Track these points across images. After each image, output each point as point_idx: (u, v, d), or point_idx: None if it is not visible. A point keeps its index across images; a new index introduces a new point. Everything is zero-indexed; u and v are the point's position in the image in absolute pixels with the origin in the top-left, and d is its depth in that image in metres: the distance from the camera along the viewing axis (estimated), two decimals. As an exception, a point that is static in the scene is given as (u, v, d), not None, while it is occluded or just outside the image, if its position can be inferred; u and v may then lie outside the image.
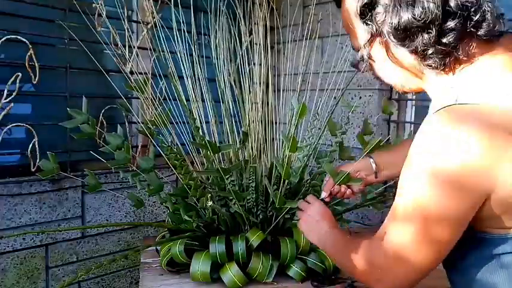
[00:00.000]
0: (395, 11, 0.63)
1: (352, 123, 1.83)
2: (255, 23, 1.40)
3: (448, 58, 0.64)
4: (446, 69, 0.66)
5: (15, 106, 1.38)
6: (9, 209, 1.47)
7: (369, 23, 0.68)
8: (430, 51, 0.64)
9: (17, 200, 1.48)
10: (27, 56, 1.38)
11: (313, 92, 1.42)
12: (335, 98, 1.36)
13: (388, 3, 0.64)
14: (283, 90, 1.45)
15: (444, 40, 0.62)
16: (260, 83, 1.37)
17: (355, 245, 0.79)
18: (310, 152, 1.26)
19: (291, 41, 1.50)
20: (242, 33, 1.39)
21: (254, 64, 1.39)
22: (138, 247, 1.24)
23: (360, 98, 1.85)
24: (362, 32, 0.71)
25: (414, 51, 0.65)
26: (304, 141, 1.33)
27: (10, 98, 1.36)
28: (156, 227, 1.74)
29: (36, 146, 1.44)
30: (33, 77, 1.40)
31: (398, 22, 0.63)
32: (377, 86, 1.78)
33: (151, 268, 1.26)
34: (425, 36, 0.62)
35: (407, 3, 0.62)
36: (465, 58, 0.64)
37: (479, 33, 0.63)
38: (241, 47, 1.38)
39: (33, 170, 1.45)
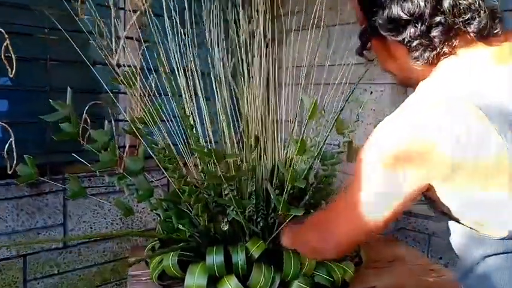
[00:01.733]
0: (387, 4, 0.72)
1: (362, 121, 1.83)
2: (255, 11, 1.40)
3: (433, 51, 0.72)
4: (431, 63, 0.74)
5: (-11, 102, 1.37)
6: (-17, 216, 1.46)
7: (368, 15, 0.78)
8: (415, 43, 0.72)
9: (-9, 206, 1.48)
10: (3, 47, 1.37)
11: (318, 86, 1.42)
12: (343, 93, 1.36)
13: None
14: (285, 85, 1.45)
15: (431, 34, 0.71)
16: (260, 77, 1.37)
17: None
18: (316, 153, 1.26)
19: (293, 30, 1.49)
20: (240, 21, 1.38)
21: (253, 56, 1.38)
22: (126, 258, 1.23)
23: (371, 93, 1.84)
24: (364, 22, 0.81)
25: (402, 43, 0.74)
26: (309, 141, 1.33)
27: (-16, 93, 1.36)
28: (145, 237, 1.74)
29: (13, 146, 1.43)
30: (9, 69, 1.39)
31: (388, 15, 0.72)
32: (389, 80, 1.77)
33: (140, 282, 1.25)
34: (412, 29, 0.71)
35: None
36: (450, 52, 0.73)
37: (469, 30, 0.71)
38: (239, 37, 1.37)
39: (9, 172, 1.44)
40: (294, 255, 1.17)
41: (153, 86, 1.33)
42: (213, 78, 1.36)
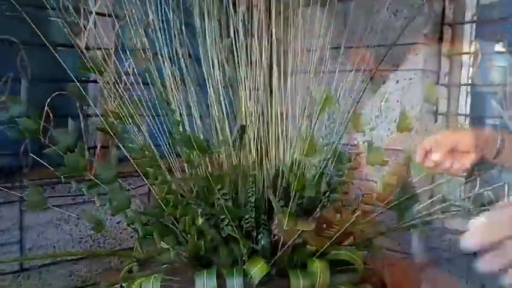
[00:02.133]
0: None
1: (386, 116, 1.83)
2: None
3: None
4: None
5: None
6: None
7: None
8: None
9: None
10: None
11: (332, 74, 1.42)
12: (362, 82, 1.36)
13: None
14: (291, 72, 1.45)
15: None
16: (261, 62, 1.37)
17: None
18: (329, 155, 1.26)
19: (302, 5, 1.49)
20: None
21: (253, 37, 1.39)
22: (97, 284, 1.23)
23: (397, 82, 1.84)
24: None
25: None
26: (321, 140, 1.33)
27: None
28: (120, 257, 1.74)
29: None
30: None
31: None
32: (420, 65, 1.77)
33: (114, 312, 1.26)
34: None
35: None
36: None
37: None
38: (236, 14, 1.38)
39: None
40: (303, 273, 1.17)
41: (131, 73, 1.33)
42: (204, 64, 1.36)
